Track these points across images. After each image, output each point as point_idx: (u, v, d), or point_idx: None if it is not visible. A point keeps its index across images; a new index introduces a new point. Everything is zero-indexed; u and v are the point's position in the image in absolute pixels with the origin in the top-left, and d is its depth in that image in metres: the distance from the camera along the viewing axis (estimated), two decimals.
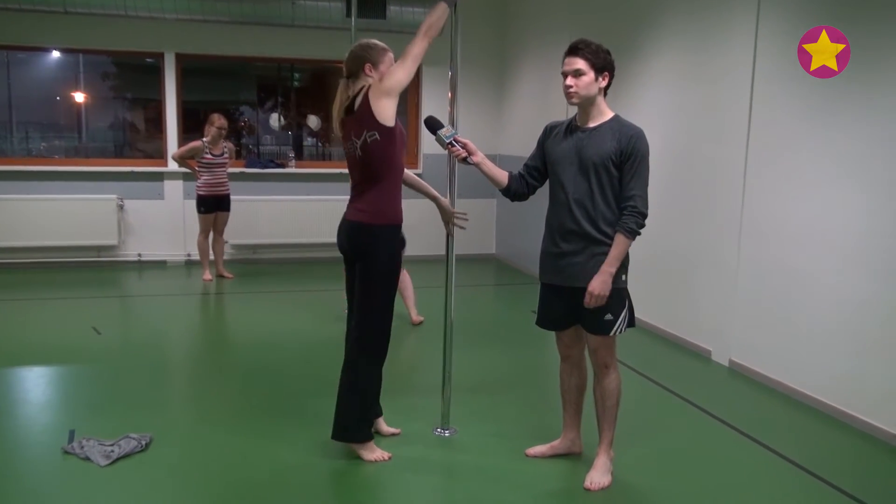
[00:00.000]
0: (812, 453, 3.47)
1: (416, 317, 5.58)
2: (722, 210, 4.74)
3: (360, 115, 3.07)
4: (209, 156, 6.78)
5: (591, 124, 2.98)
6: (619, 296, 2.97)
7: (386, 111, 3.03)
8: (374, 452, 3.28)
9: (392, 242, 3.19)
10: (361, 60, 3.14)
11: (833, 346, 3.92)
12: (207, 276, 7.03)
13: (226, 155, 6.90)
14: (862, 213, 3.75)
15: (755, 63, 4.43)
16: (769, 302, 4.37)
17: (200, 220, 6.96)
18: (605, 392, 3.10)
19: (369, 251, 3.15)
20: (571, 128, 3.04)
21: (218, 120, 6.75)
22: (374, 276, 3.17)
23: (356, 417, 3.25)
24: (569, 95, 2.95)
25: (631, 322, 3.06)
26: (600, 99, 2.97)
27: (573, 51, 2.93)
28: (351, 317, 3.30)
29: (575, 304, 3.01)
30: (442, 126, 3.19)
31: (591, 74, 2.91)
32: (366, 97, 3.06)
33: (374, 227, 3.15)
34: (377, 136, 3.05)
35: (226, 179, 6.94)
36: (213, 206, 6.91)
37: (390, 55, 3.18)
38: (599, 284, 2.90)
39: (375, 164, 3.11)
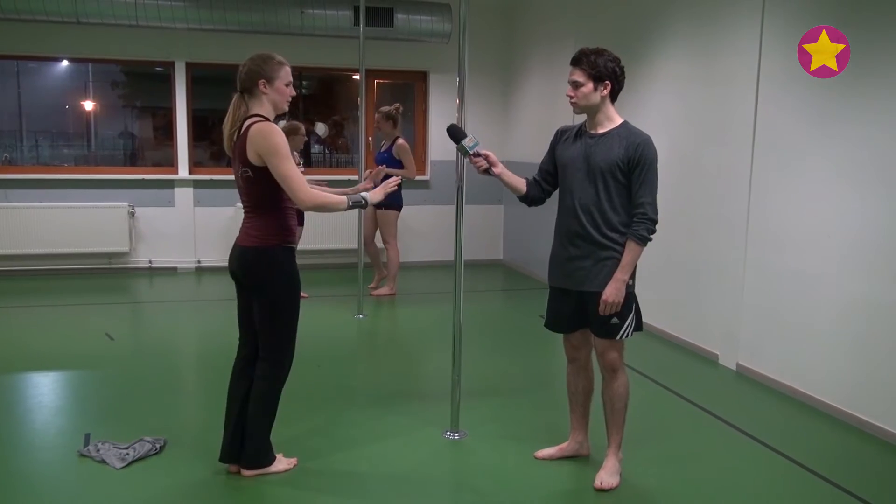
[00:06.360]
0: (819, 456, 3.50)
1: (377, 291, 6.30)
2: (728, 214, 4.77)
3: (239, 148, 2.94)
4: None
5: (600, 130, 3.02)
6: (626, 300, 3.01)
7: (258, 162, 2.89)
8: (281, 463, 3.22)
9: (288, 263, 3.06)
10: (255, 76, 2.95)
11: (840, 348, 3.95)
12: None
13: None
14: (868, 216, 3.77)
15: (760, 67, 4.47)
16: (776, 305, 4.40)
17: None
18: (613, 395, 3.14)
19: (263, 276, 3.02)
20: (581, 133, 3.09)
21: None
22: (272, 300, 3.05)
23: (266, 441, 3.17)
24: (571, 105, 3.02)
25: (638, 326, 3.09)
26: (607, 106, 3.01)
27: (573, 61, 2.99)
28: (242, 345, 3.19)
29: (583, 308, 3.06)
30: (465, 136, 3.13)
31: (589, 85, 2.95)
32: (245, 137, 2.91)
33: (264, 249, 3.01)
34: (250, 173, 2.93)
35: None
36: None
37: (286, 69, 3.00)
38: (613, 292, 2.94)
39: (255, 194, 2.98)
